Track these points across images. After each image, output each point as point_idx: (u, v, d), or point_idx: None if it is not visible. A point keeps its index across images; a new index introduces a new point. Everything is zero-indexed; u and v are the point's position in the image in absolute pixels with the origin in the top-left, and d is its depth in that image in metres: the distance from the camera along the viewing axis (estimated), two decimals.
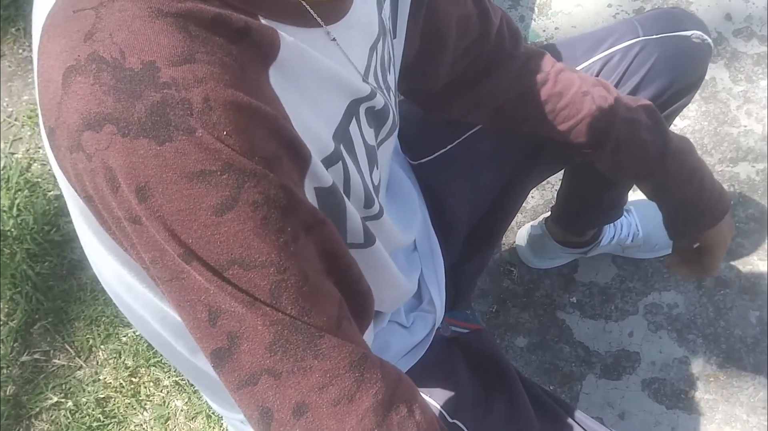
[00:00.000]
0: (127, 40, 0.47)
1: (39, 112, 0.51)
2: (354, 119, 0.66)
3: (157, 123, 0.46)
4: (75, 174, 0.50)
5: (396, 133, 0.80)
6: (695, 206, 0.95)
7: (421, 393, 0.89)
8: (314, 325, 0.53)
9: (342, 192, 0.63)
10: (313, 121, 0.58)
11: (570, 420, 0.88)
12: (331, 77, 0.60)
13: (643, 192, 0.98)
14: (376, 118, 0.71)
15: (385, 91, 0.73)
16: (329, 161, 0.60)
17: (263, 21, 0.53)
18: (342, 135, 0.63)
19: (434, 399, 0.89)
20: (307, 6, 0.56)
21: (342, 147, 0.63)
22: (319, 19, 0.57)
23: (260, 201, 0.49)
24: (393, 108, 0.74)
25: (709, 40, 1.00)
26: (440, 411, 0.88)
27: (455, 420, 0.87)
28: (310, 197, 0.57)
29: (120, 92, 0.46)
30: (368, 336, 0.82)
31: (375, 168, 0.73)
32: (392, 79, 0.76)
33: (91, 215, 0.54)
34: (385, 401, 0.56)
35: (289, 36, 0.55)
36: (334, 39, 0.60)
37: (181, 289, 0.51)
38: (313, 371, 0.53)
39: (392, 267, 0.77)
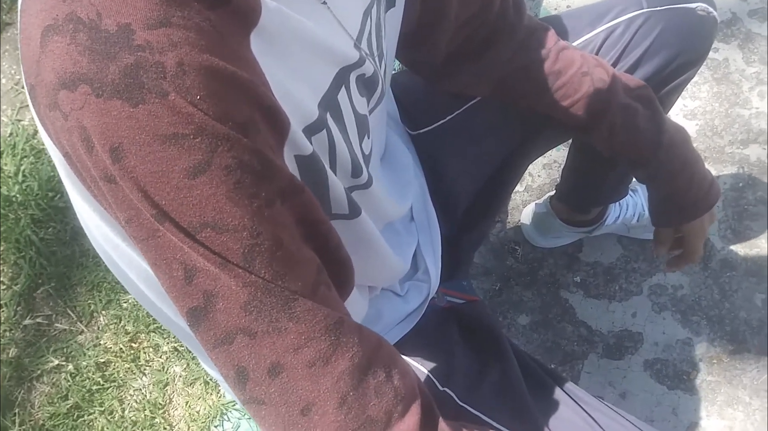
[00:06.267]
0: (104, 1, 0.47)
1: (22, 68, 0.51)
2: (343, 87, 0.65)
3: (131, 85, 0.46)
4: (54, 131, 0.51)
5: (384, 101, 0.78)
6: (683, 197, 0.95)
7: (413, 361, 0.89)
8: (288, 289, 0.52)
9: (327, 160, 0.62)
10: (295, 89, 0.57)
11: (559, 391, 0.87)
12: (317, 44, 0.59)
13: (635, 177, 0.98)
14: (367, 86, 0.70)
15: (377, 58, 0.71)
16: (312, 129, 0.60)
17: None
18: (329, 103, 0.63)
19: (425, 367, 0.88)
20: None
21: (328, 115, 0.62)
22: None
23: (233, 165, 0.49)
24: (382, 77, 0.74)
25: (715, 13, 0.98)
26: (431, 380, 0.87)
27: (446, 389, 0.86)
28: (290, 164, 0.57)
29: (95, 53, 0.46)
30: (361, 305, 0.82)
31: (366, 137, 0.73)
32: (387, 46, 0.75)
33: (72, 172, 0.54)
34: (361, 365, 0.55)
35: (273, 0, 0.54)
36: (324, 2, 0.60)
37: (157, 247, 0.51)
38: (288, 332, 0.53)
39: (380, 241, 0.77)
